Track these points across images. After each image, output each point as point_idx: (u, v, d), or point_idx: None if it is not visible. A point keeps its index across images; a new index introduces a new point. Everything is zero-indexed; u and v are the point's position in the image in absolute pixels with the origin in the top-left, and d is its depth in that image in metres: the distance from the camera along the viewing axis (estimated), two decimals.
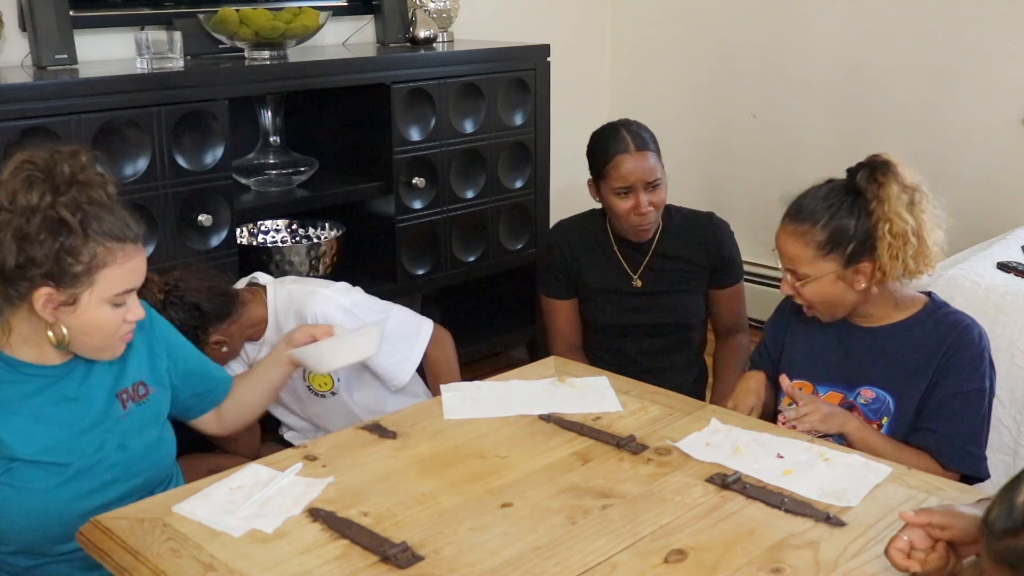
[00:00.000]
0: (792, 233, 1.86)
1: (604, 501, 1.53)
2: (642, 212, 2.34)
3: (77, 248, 1.52)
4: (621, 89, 4.22)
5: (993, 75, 3.24)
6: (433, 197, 3.06)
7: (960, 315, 1.89)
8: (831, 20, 3.57)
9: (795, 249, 1.85)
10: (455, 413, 1.85)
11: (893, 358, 1.87)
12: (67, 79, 2.41)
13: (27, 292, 1.53)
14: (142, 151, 2.44)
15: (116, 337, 1.62)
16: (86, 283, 1.54)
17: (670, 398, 1.92)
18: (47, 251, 1.50)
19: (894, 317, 1.90)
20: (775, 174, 3.81)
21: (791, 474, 1.60)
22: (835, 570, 1.35)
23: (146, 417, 1.74)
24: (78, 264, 1.52)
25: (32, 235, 1.50)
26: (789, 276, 1.88)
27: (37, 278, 1.52)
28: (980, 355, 1.84)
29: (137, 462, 1.70)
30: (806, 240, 1.83)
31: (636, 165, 2.33)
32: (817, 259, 1.83)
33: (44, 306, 1.54)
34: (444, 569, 1.36)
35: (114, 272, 1.56)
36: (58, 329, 1.57)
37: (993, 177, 3.25)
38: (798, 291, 1.87)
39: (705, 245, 2.47)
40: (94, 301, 1.56)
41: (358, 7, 3.31)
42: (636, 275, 2.46)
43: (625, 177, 2.33)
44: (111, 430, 1.68)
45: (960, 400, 1.82)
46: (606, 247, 2.48)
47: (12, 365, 1.61)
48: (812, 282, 1.84)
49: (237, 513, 1.49)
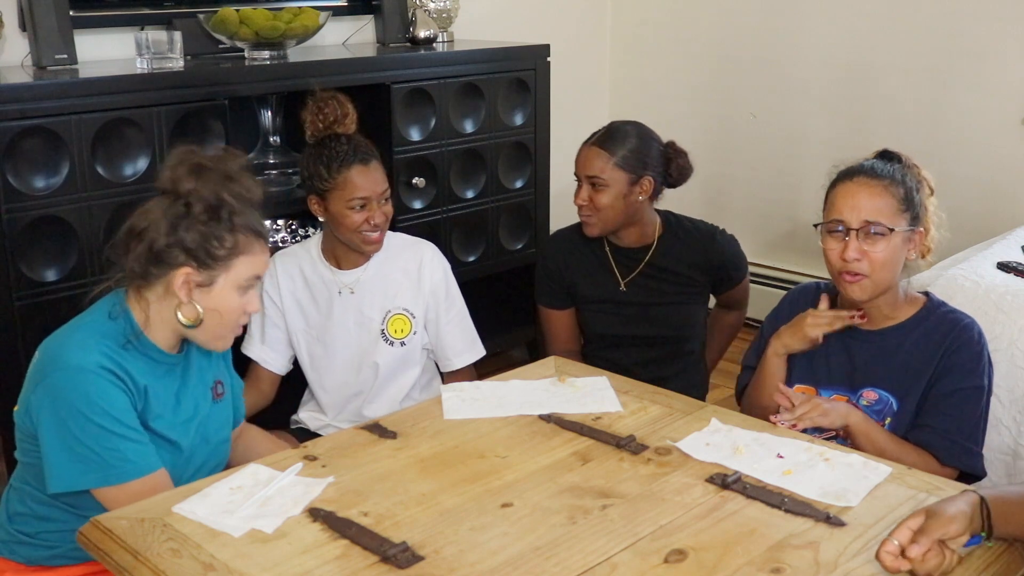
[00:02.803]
0: (874, 187, 1.83)
1: (604, 501, 1.53)
2: (580, 204, 2.37)
3: (224, 235, 1.66)
4: (621, 89, 4.22)
5: (993, 75, 3.24)
6: (433, 197, 3.06)
7: (959, 314, 1.89)
8: (831, 20, 3.57)
9: (880, 201, 1.82)
10: (455, 413, 1.85)
11: (895, 359, 1.88)
12: (67, 79, 2.41)
13: (168, 271, 1.66)
14: (142, 151, 2.44)
15: (236, 325, 1.75)
16: (224, 267, 1.68)
17: (670, 398, 1.92)
18: (200, 233, 1.65)
19: (896, 318, 1.90)
20: (775, 174, 3.81)
21: (791, 474, 1.60)
22: (835, 570, 1.35)
23: (223, 415, 1.86)
24: (222, 248, 1.67)
25: (192, 217, 1.65)
26: (859, 237, 1.82)
27: (181, 258, 1.65)
28: (979, 353, 1.85)
29: (215, 455, 1.82)
30: (893, 191, 1.83)
31: (579, 161, 2.38)
32: (898, 213, 1.83)
33: (182, 286, 1.66)
34: (444, 569, 1.36)
35: (249, 260, 1.70)
36: (192, 308, 1.68)
37: (993, 177, 3.25)
38: (867, 253, 1.82)
39: (707, 263, 2.44)
40: (228, 285, 1.69)
41: (358, 7, 3.31)
42: (624, 281, 2.46)
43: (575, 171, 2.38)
44: (204, 421, 1.80)
45: (959, 397, 1.83)
46: (599, 255, 2.47)
47: (147, 348, 1.71)
48: (892, 237, 1.81)
49: (237, 513, 1.49)
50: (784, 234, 3.80)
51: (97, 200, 2.42)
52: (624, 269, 2.45)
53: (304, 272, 2.36)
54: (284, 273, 2.36)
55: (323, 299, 2.35)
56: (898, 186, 1.83)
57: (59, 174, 2.35)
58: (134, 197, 2.41)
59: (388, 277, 2.34)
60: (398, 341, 2.35)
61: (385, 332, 2.34)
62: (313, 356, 2.38)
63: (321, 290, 2.35)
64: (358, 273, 2.33)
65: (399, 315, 2.34)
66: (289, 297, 2.35)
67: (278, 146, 2.98)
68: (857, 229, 1.82)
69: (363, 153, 2.23)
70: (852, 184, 1.85)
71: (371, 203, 2.21)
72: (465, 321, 2.42)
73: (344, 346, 2.36)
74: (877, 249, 1.82)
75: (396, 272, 2.35)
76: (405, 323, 2.35)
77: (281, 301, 2.35)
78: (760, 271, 3.73)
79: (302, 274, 2.36)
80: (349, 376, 2.38)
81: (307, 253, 2.37)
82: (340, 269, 2.33)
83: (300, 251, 2.39)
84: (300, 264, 2.36)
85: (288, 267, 2.36)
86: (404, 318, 2.35)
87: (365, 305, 2.33)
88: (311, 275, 2.35)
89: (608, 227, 2.37)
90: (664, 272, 2.43)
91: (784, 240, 3.81)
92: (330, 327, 2.34)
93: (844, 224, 1.83)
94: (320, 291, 2.35)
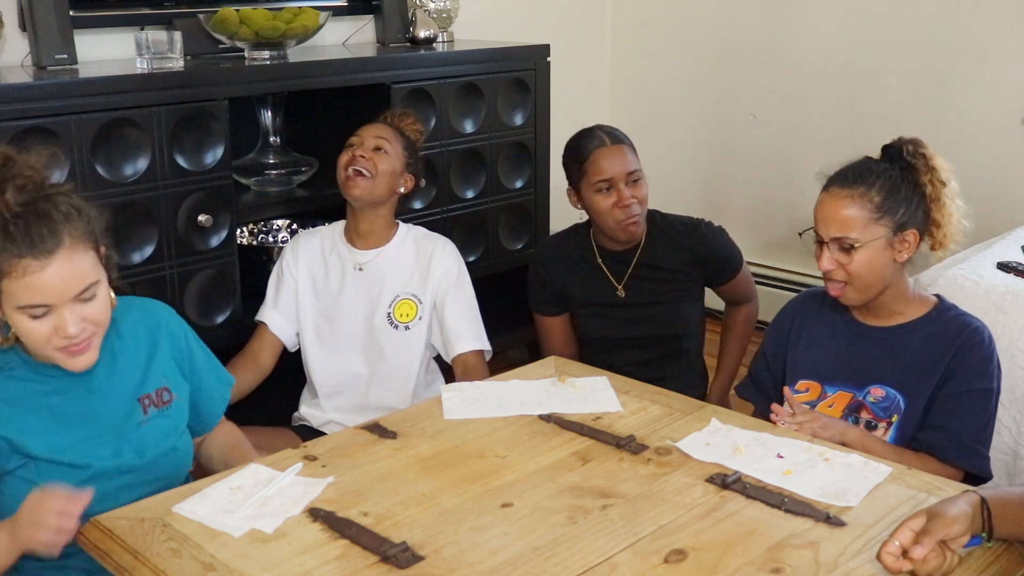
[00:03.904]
0: (845, 196, 1.82)
1: (604, 501, 1.53)
2: (625, 204, 2.34)
3: None
4: (621, 89, 4.22)
5: (993, 75, 3.24)
6: (433, 197, 3.06)
7: (970, 317, 1.90)
8: (830, 20, 3.57)
9: (850, 212, 1.81)
10: (455, 413, 1.85)
11: (903, 357, 1.87)
12: (67, 79, 2.41)
13: None
14: (142, 151, 2.44)
15: (49, 349, 1.55)
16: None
17: (670, 398, 1.92)
18: None
19: (905, 316, 1.90)
20: (775, 174, 3.81)
21: (791, 474, 1.60)
22: (835, 570, 1.35)
23: (166, 426, 1.73)
24: None
25: None
26: (831, 249, 1.84)
27: None
28: (989, 356, 1.85)
29: (152, 469, 1.69)
30: (862, 202, 1.82)
31: (614, 158, 2.36)
32: (871, 223, 1.81)
33: None
34: (444, 569, 1.36)
35: (13, 284, 1.49)
36: (8, 328, 1.56)
37: (993, 177, 3.25)
38: (842, 264, 1.83)
39: (695, 255, 2.44)
40: (10, 309, 1.52)
41: (358, 7, 3.31)
42: (620, 285, 2.45)
43: (604, 170, 2.34)
44: (128, 435, 1.68)
45: (968, 398, 1.83)
46: (590, 260, 2.47)
47: (31, 365, 1.62)
48: (863, 248, 1.81)
49: (237, 513, 1.49)
50: (784, 234, 3.80)
51: (97, 200, 2.39)
52: (617, 274, 2.45)
53: (324, 250, 2.44)
54: (305, 249, 2.45)
55: (336, 275, 2.41)
56: (873, 193, 1.82)
57: (59, 174, 2.35)
58: (134, 197, 2.41)
59: (401, 262, 2.40)
60: (403, 325, 2.38)
61: (391, 315, 2.37)
62: (320, 332, 2.41)
63: (335, 266, 2.41)
64: (372, 254, 2.39)
65: (406, 300, 2.39)
66: (305, 272, 2.43)
67: (278, 146, 2.98)
68: (827, 241, 1.84)
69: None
70: (826, 195, 1.86)
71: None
72: (473, 312, 2.44)
73: (352, 322, 2.40)
74: (851, 260, 1.83)
75: (408, 259, 2.40)
76: (411, 307, 2.38)
77: (297, 274, 2.43)
78: (760, 271, 3.73)
79: (321, 251, 2.44)
80: (352, 356, 2.40)
81: (331, 233, 2.46)
82: (357, 248, 2.40)
83: (326, 231, 2.48)
84: (322, 242, 2.45)
85: (310, 244, 2.45)
86: (411, 303, 2.38)
87: (375, 286, 2.38)
88: (329, 253, 2.43)
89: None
90: (655, 271, 2.44)
91: (784, 240, 3.80)
92: (338, 304, 2.40)
93: (820, 237, 1.86)
94: (334, 267, 2.41)
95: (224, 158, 2.58)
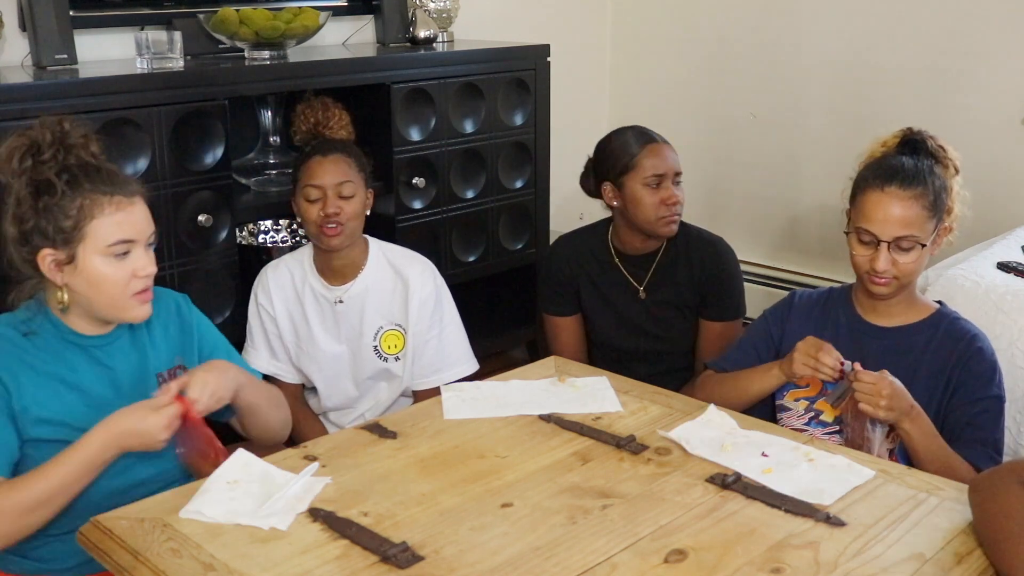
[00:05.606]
0: (909, 197, 1.81)
1: (604, 501, 1.53)
2: (673, 202, 2.33)
3: (63, 205, 1.60)
4: (621, 89, 4.22)
5: (993, 75, 3.24)
6: (433, 197, 3.06)
7: (971, 325, 1.90)
8: (831, 20, 3.57)
9: (914, 211, 1.80)
10: (455, 413, 1.85)
11: (905, 359, 1.87)
12: (67, 79, 2.41)
13: (33, 256, 1.62)
14: (142, 151, 2.44)
15: (127, 293, 1.65)
16: (77, 237, 1.61)
17: (670, 398, 1.92)
18: (37, 211, 1.59)
19: (908, 318, 1.91)
20: (775, 174, 3.81)
21: (771, 472, 1.60)
22: (835, 570, 1.35)
23: None
24: (66, 219, 1.60)
25: (22, 199, 1.60)
26: (888, 249, 1.80)
27: (36, 240, 1.61)
28: (994, 365, 1.86)
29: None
30: (923, 202, 1.81)
31: (667, 154, 2.36)
32: (928, 220, 1.81)
33: (49, 268, 1.62)
34: (444, 569, 1.36)
35: (103, 223, 1.62)
36: (66, 290, 1.63)
37: (993, 177, 3.25)
38: (896, 262, 1.81)
39: (701, 266, 2.40)
40: (89, 255, 1.62)
41: (358, 7, 3.31)
42: (641, 287, 2.43)
43: (657, 165, 2.33)
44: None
45: (983, 407, 1.83)
46: (608, 261, 2.46)
47: (58, 330, 1.68)
48: (922, 248, 1.81)
49: (246, 513, 1.48)
50: (784, 234, 3.80)
51: None
52: (636, 279, 2.44)
53: (295, 281, 2.35)
54: (276, 285, 2.36)
55: (313, 312, 2.34)
56: (928, 192, 1.81)
57: None
58: None
59: (381, 291, 2.33)
60: (391, 356, 2.34)
61: (379, 348, 2.33)
62: (303, 370, 2.37)
63: (311, 302, 2.34)
64: (348, 287, 2.32)
65: (392, 331, 2.33)
66: (282, 308, 2.35)
67: (278, 146, 2.98)
68: (888, 242, 1.81)
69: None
70: (884, 195, 1.82)
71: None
72: (446, 340, 2.36)
73: (335, 357, 2.34)
74: (907, 259, 1.82)
75: (387, 285, 2.33)
76: (398, 339, 2.33)
77: (275, 313, 2.35)
78: (760, 271, 3.73)
79: (293, 284, 2.35)
80: (341, 383, 2.37)
81: (299, 264, 2.37)
82: (333, 285, 2.32)
83: (291, 261, 2.38)
84: (292, 275, 2.36)
85: (280, 278, 2.36)
86: (397, 334, 2.33)
87: (355, 320, 2.32)
88: (301, 286, 2.35)
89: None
90: (669, 279, 2.42)
91: (784, 240, 3.80)
92: (321, 341, 2.33)
93: (875, 237, 1.82)
94: (310, 303, 2.34)
95: (224, 158, 2.58)
